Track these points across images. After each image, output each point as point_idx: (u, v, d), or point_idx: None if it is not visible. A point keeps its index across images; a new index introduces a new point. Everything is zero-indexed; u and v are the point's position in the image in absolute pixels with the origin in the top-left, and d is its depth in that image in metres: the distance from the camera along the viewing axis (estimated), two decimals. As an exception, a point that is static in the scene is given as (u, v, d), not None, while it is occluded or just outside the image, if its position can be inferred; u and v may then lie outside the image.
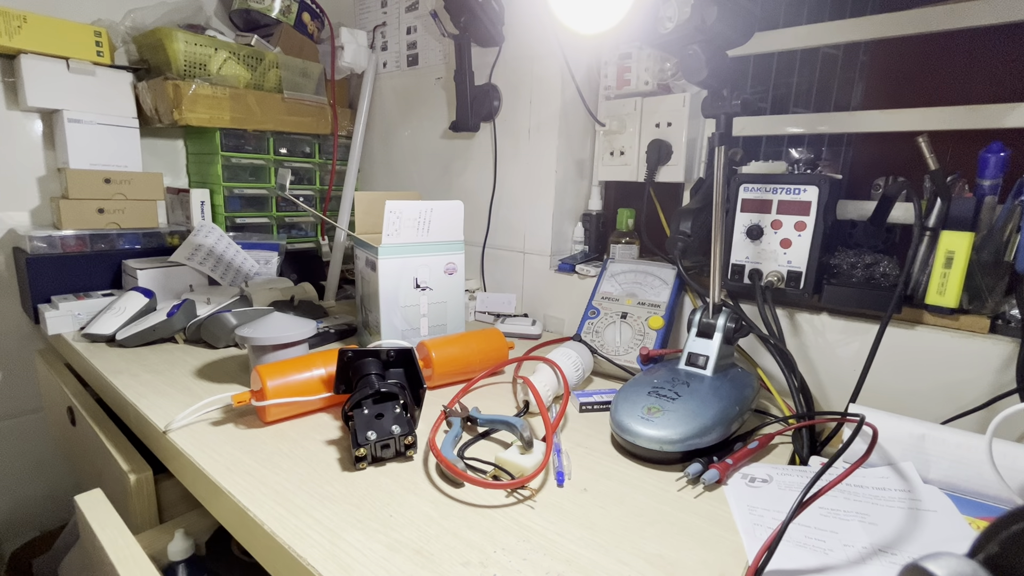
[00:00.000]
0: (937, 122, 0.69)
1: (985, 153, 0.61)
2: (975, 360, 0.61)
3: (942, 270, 0.60)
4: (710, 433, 0.53)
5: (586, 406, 0.66)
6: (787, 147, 0.86)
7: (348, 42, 1.20)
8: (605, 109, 0.95)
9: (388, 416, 0.53)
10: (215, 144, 1.14)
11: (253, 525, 0.44)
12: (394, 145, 1.30)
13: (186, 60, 1.04)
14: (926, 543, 0.42)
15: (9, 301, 1.07)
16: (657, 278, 0.81)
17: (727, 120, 0.60)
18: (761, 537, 0.42)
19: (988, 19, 0.65)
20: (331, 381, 0.61)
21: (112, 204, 1.03)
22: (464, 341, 0.74)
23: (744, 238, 0.71)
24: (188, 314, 0.84)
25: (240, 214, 1.20)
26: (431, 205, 0.77)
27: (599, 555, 0.41)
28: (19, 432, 1.13)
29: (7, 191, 1.05)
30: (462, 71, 1.03)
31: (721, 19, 0.54)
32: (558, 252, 1.03)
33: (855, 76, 0.82)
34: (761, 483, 0.50)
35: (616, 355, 0.77)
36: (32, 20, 0.95)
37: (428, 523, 0.44)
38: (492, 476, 0.51)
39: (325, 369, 0.62)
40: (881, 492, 0.48)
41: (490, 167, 1.08)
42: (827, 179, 0.66)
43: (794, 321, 0.72)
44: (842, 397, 0.70)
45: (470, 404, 0.63)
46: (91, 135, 1.04)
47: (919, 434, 0.51)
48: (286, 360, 0.62)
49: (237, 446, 0.55)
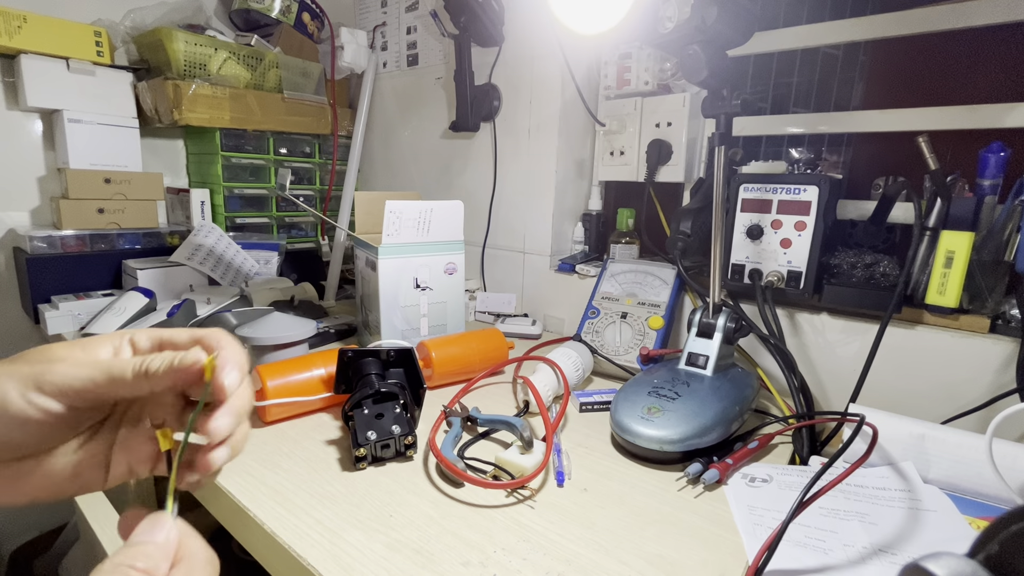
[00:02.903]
0: (937, 122, 0.69)
1: (985, 153, 0.61)
2: (975, 360, 0.61)
3: (942, 270, 0.60)
4: (710, 433, 0.53)
5: (586, 406, 0.66)
6: (787, 147, 0.86)
7: (348, 42, 1.20)
8: (605, 109, 0.95)
9: (388, 416, 0.53)
10: (215, 144, 1.14)
11: (253, 525, 0.44)
12: (394, 145, 1.30)
13: (186, 60, 1.04)
14: (926, 543, 0.42)
15: (9, 301, 1.07)
16: (657, 278, 0.81)
17: (727, 120, 0.60)
18: (761, 537, 0.42)
19: (988, 19, 0.65)
20: (331, 381, 0.61)
21: (112, 204, 1.03)
22: (464, 341, 0.74)
23: (744, 238, 0.71)
24: (188, 314, 0.84)
25: (240, 214, 1.20)
26: (431, 205, 0.77)
27: (599, 555, 0.41)
28: (19, 432, 1.13)
29: (7, 191, 1.05)
30: (462, 71, 1.03)
31: (721, 19, 0.54)
32: (558, 252, 1.03)
33: (855, 76, 0.82)
34: (761, 483, 0.50)
35: (616, 355, 0.77)
36: (32, 20, 0.95)
37: (428, 523, 0.44)
38: (492, 476, 0.51)
39: (325, 369, 0.62)
40: (881, 492, 0.48)
41: (490, 167, 1.08)
42: (827, 179, 0.66)
43: (794, 321, 0.72)
44: (842, 397, 0.70)
45: (470, 404, 0.63)
46: (91, 135, 1.04)
47: (919, 434, 0.51)
48: (286, 360, 0.62)
49: (237, 446, 0.55)
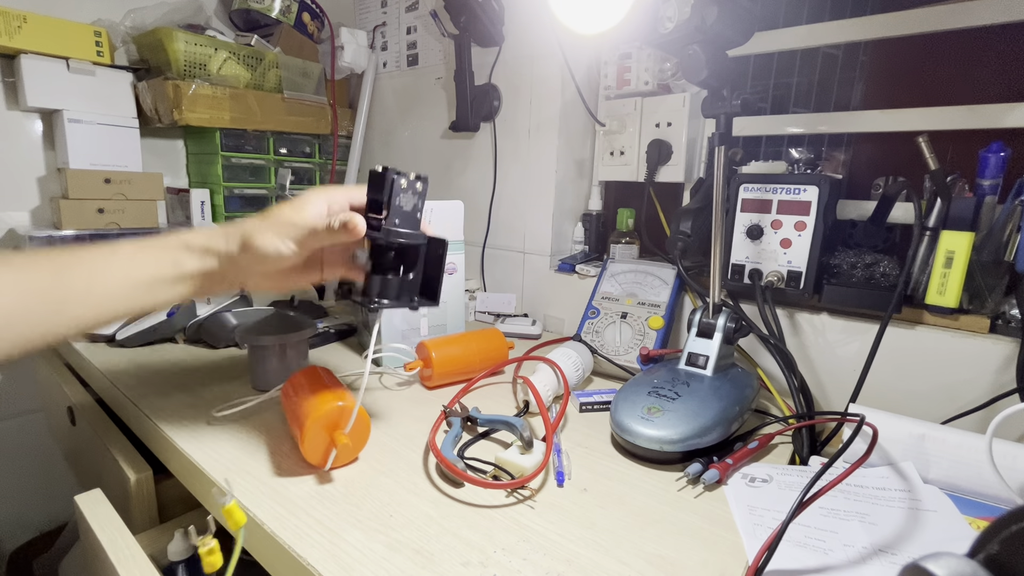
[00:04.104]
0: (937, 122, 0.69)
1: (985, 153, 0.61)
2: (975, 360, 0.61)
3: (942, 270, 0.60)
4: (710, 433, 0.53)
5: (586, 406, 0.66)
6: (787, 147, 0.86)
7: (348, 42, 1.20)
8: (605, 109, 0.95)
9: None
10: (215, 144, 1.14)
11: (254, 525, 0.44)
12: (394, 145, 1.30)
13: (186, 60, 1.04)
14: (926, 543, 0.42)
15: (9, 301, 1.07)
16: (657, 278, 0.81)
17: (727, 120, 0.60)
18: (761, 537, 0.42)
19: (988, 19, 0.65)
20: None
21: (112, 204, 1.03)
22: (464, 341, 0.74)
23: (744, 238, 0.71)
24: (188, 314, 0.84)
25: (240, 214, 1.20)
26: (431, 205, 0.77)
27: (599, 555, 0.41)
28: (19, 432, 1.13)
29: (7, 191, 1.05)
30: (462, 71, 1.03)
31: (721, 19, 0.54)
32: (558, 252, 1.03)
33: (855, 76, 0.82)
34: (761, 483, 0.50)
35: (616, 355, 0.77)
36: (32, 20, 0.95)
37: (428, 523, 0.44)
38: (492, 476, 0.51)
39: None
40: (881, 492, 0.48)
41: (490, 167, 1.08)
42: (827, 179, 0.66)
43: (794, 321, 0.72)
44: (842, 397, 0.70)
45: (470, 404, 0.63)
46: (91, 135, 1.04)
47: (919, 434, 0.51)
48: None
49: (237, 446, 0.55)
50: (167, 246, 0.47)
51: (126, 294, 0.44)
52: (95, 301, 0.43)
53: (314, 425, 0.48)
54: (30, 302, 0.41)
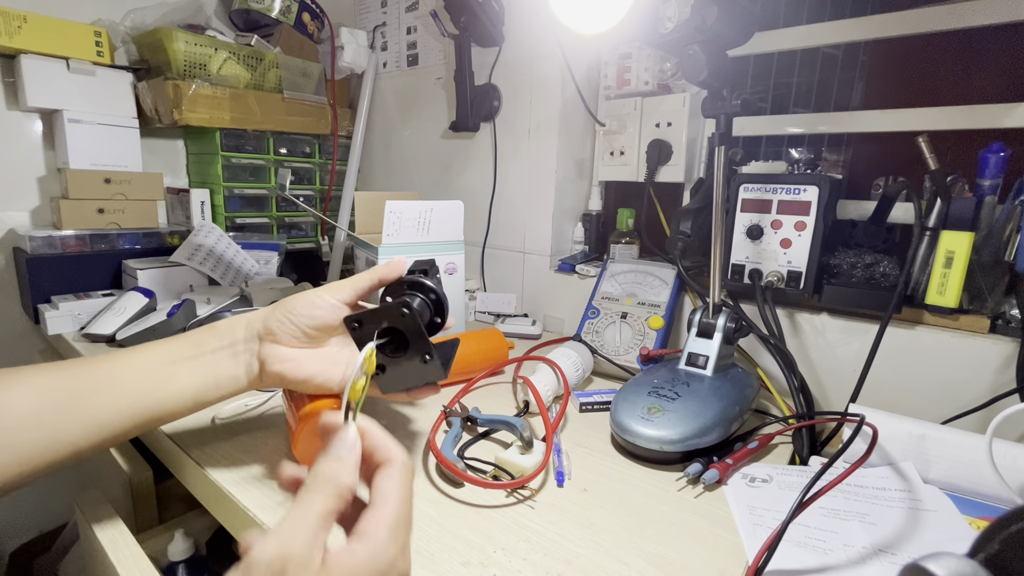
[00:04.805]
0: (937, 122, 0.69)
1: (985, 153, 0.61)
2: (975, 360, 0.61)
3: (942, 270, 0.60)
4: (710, 433, 0.53)
5: (586, 406, 0.66)
6: (787, 147, 0.86)
7: (348, 42, 1.20)
8: (605, 109, 0.95)
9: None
10: (215, 144, 1.14)
11: (254, 526, 0.44)
12: (394, 145, 1.30)
13: (186, 60, 1.04)
14: (926, 543, 0.42)
15: (9, 301, 1.07)
16: (657, 278, 0.81)
17: (727, 120, 0.60)
18: (761, 537, 0.42)
19: (988, 19, 0.65)
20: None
21: (112, 204, 1.03)
22: (464, 341, 0.74)
23: (744, 238, 0.71)
24: (188, 314, 0.84)
25: (240, 214, 1.20)
26: (431, 205, 0.77)
27: (599, 555, 0.41)
28: (19, 432, 1.13)
29: (7, 191, 1.05)
30: (462, 71, 1.03)
31: (721, 19, 0.54)
32: (558, 252, 1.03)
33: (855, 76, 0.82)
34: (761, 483, 0.50)
35: (616, 355, 0.77)
36: (32, 20, 0.95)
37: (428, 523, 0.44)
38: (492, 476, 0.51)
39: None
40: (881, 492, 0.48)
41: (490, 167, 1.08)
42: (827, 179, 0.66)
43: (794, 321, 0.72)
44: (842, 397, 0.70)
45: (470, 404, 0.63)
46: (91, 135, 1.04)
47: (919, 434, 0.51)
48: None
49: (237, 446, 0.55)
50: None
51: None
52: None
53: (306, 426, 0.48)
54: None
